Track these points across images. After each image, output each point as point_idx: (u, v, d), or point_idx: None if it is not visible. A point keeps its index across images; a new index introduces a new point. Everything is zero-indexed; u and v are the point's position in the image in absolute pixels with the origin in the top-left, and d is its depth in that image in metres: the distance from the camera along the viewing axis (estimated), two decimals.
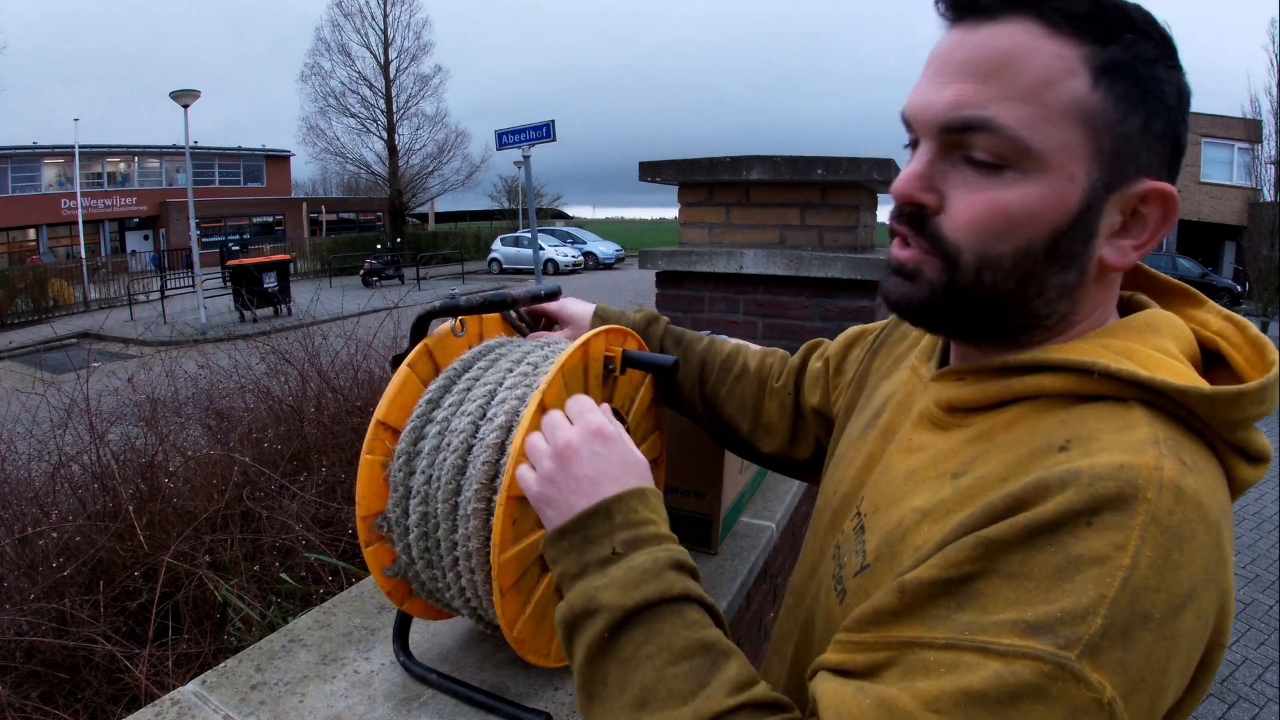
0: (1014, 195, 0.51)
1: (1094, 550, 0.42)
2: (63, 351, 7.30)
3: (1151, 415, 0.47)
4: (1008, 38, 0.51)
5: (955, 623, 0.44)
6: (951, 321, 0.57)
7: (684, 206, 2.51)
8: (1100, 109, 0.50)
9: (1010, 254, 0.52)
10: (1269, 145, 17.64)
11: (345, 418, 3.30)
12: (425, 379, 0.85)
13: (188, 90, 13.92)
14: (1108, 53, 0.50)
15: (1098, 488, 0.43)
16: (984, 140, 0.51)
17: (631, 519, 0.58)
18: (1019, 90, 0.50)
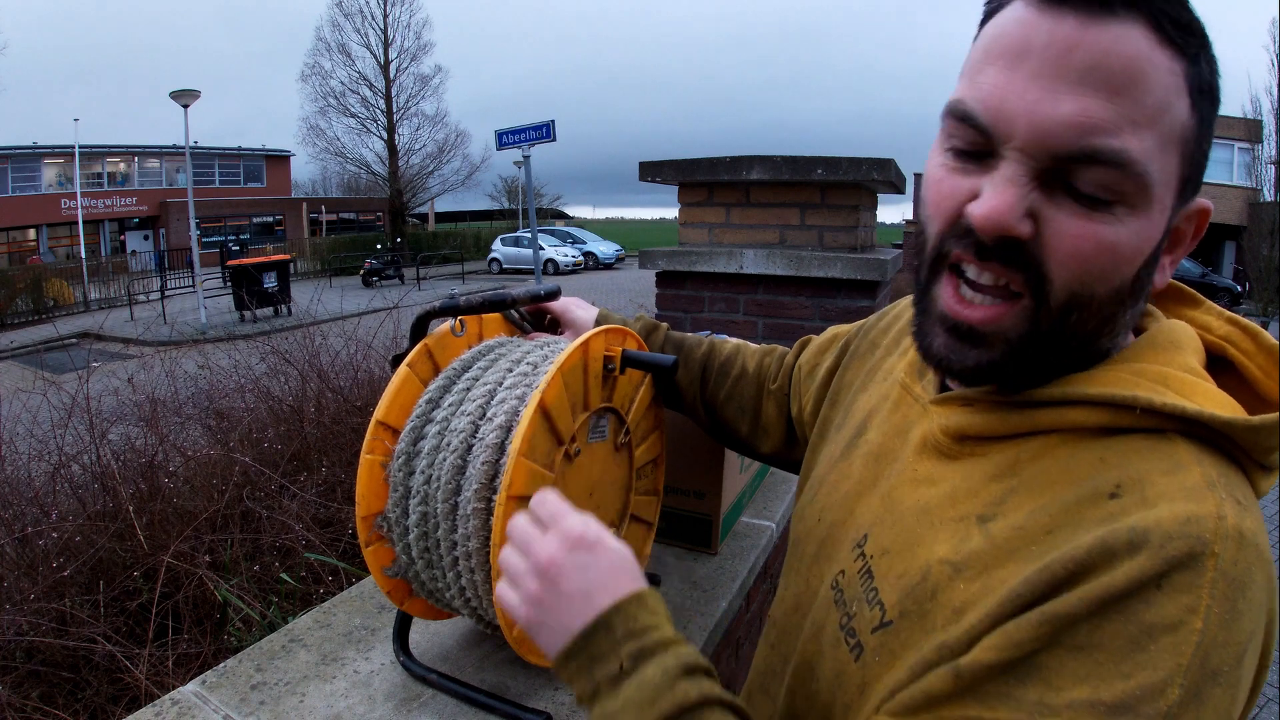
0: (1125, 233, 0.45)
1: (1167, 617, 0.39)
2: (63, 351, 7.30)
3: (1197, 451, 0.45)
4: (1129, 44, 0.43)
5: (1021, 701, 0.41)
6: (1006, 376, 0.50)
7: (684, 206, 2.51)
8: (1194, 135, 0.46)
9: (1104, 295, 0.47)
10: (1269, 145, 17.65)
11: (345, 418, 3.30)
12: (425, 379, 0.85)
13: (187, 90, 13.91)
14: (1199, 70, 0.45)
15: (1169, 550, 0.40)
16: (1103, 174, 0.44)
17: (633, 628, 0.52)
18: (1145, 113, 0.43)
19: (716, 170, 2.35)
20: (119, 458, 2.81)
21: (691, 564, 1.21)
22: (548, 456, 0.77)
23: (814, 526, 0.65)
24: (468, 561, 0.77)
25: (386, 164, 29.29)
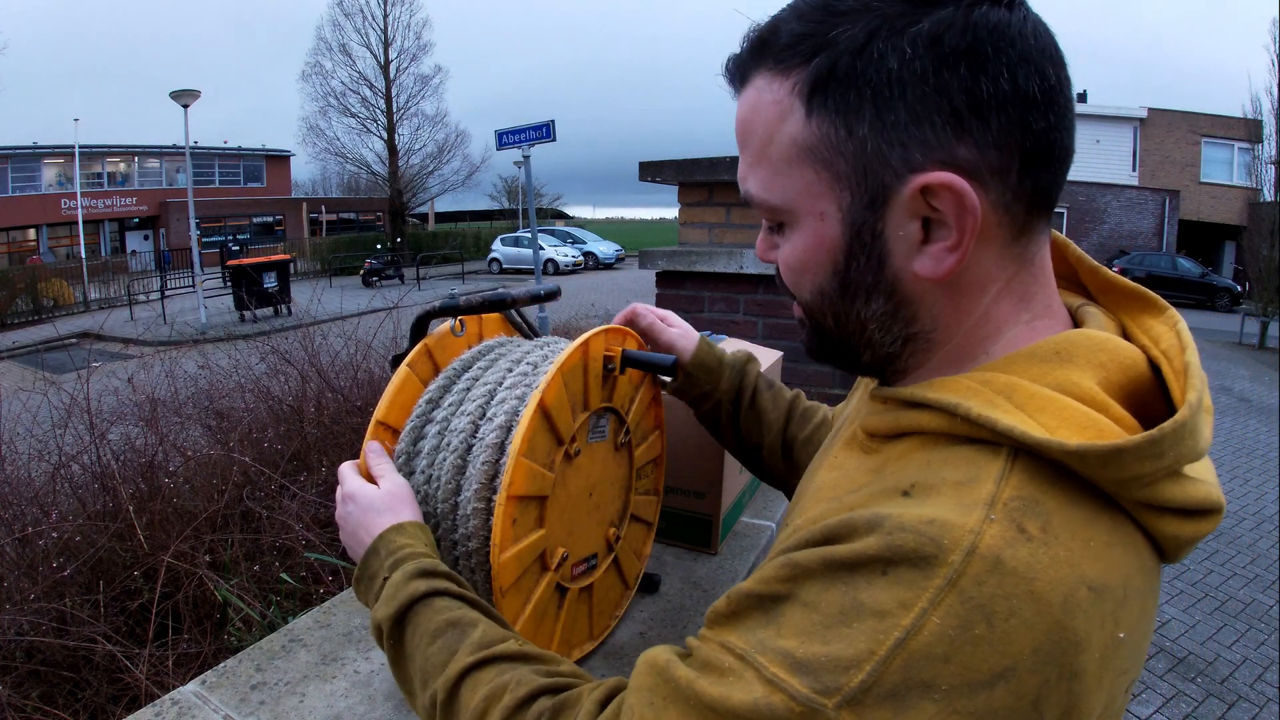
0: (788, 248, 0.54)
1: (878, 603, 0.40)
2: (63, 351, 7.30)
3: (1014, 470, 0.43)
4: (745, 103, 0.52)
5: (753, 636, 0.44)
6: (831, 357, 0.59)
7: (684, 206, 2.51)
8: (819, 136, 0.48)
9: (811, 299, 0.55)
10: (1269, 145, 17.60)
11: (345, 418, 3.30)
12: (425, 379, 0.85)
13: (187, 90, 13.93)
14: (813, 68, 0.47)
15: (896, 539, 0.40)
16: (756, 208, 0.54)
17: (392, 549, 0.69)
18: (754, 155, 0.52)
19: (717, 170, 2.35)
20: (119, 458, 2.81)
21: (691, 564, 1.21)
22: (547, 456, 0.77)
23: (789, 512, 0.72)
24: (468, 561, 0.77)
25: (386, 164, 29.28)
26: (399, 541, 0.69)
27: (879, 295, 0.51)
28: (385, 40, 28.32)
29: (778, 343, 2.32)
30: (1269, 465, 6.00)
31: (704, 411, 0.98)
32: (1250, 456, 6.27)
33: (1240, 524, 4.78)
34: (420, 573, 0.65)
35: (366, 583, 0.69)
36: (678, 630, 1.02)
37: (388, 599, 0.64)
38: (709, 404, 0.97)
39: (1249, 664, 3.25)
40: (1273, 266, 13.74)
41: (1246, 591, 3.90)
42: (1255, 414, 7.87)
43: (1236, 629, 3.51)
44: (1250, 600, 3.81)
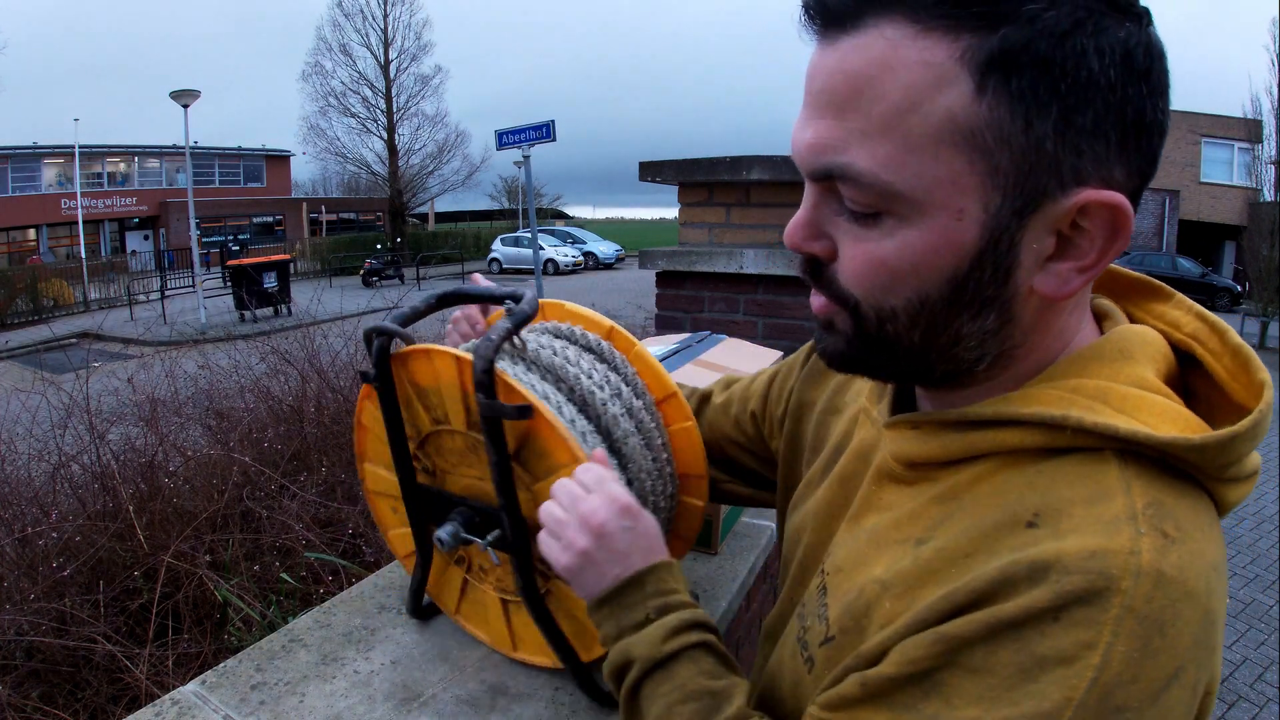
0: (891, 246, 0.45)
1: (1060, 650, 0.38)
2: (62, 351, 7.31)
3: (1129, 474, 0.43)
4: (862, 53, 0.42)
5: (920, 712, 0.42)
6: (880, 369, 0.52)
7: (684, 206, 2.51)
8: (989, 121, 0.41)
9: (903, 307, 0.46)
10: (1269, 145, 17.62)
11: (345, 418, 3.30)
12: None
13: (187, 90, 13.93)
14: (994, 41, 0.40)
15: (1065, 585, 0.39)
16: (849, 189, 0.44)
17: (660, 588, 0.64)
18: (876, 122, 0.42)
19: (716, 170, 2.35)
20: (119, 458, 2.81)
21: (691, 564, 1.21)
22: None
23: (793, 548, 0.68)
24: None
25: (386, 164, 29.29)
26: (669, 583, 0.65)
27: (992, 311, 0.46)
28: (385, 40, 28.34)
29: (778, 343, 2.32)
30: (1269, 465, 6.00)
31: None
32: None
33: (1240, 524, 4.78)
34: (694, 625, 0.62)
35: (616, 611, 0.64)
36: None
37: (654, 640, 0.61)
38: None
39: (1249, 664, 3.25)
40: (1273, 266, 13.75)
41: (1246, 591, 3.90)
42: None
43: (1236, 629, 3.52)
44: (1250, 600, 3.81)
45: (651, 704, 0.59)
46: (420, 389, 0.79)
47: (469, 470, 0.81)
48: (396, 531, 0.95)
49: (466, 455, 0.80)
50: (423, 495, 0.84)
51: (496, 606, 0.89)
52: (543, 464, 0.75)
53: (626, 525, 0.65)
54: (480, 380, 0.70)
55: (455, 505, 0.82)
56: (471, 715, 0.83)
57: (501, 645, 0.91)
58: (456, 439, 0.80)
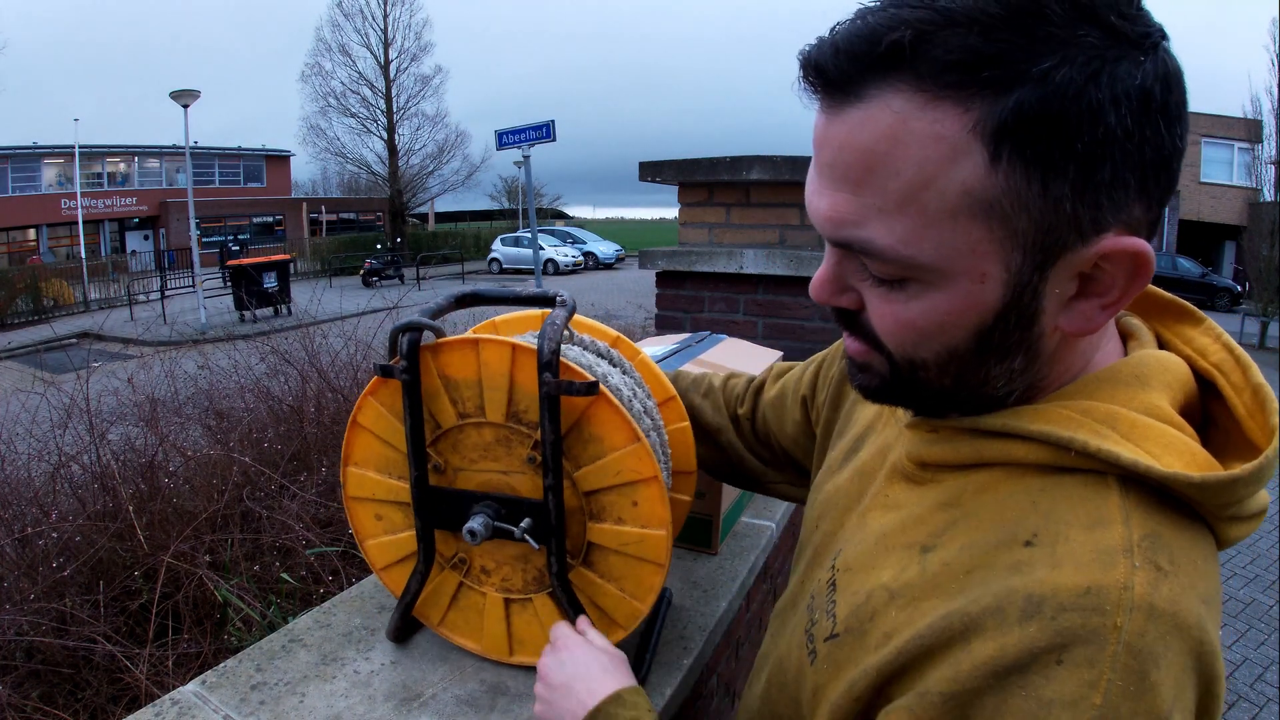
0: (918, 309, 0.46)
1: (1066, 694, 0.39)
2: (63, 351, 7.30)
3: (1130, 503, 0.43)
4: (871, 128, 0.41)
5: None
6: (913, 404, 0.54)
7: (684, 206, 2.51)
8: (1005, 189, 0.40)
9: (933, 359, 0.48)
10: (1269, 145, 17.63)
11: (345, 418, 3.30)
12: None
13: (187, 90, 13.92)
14: (1007, 106, 0.38)
15: (1061, 623, 0.40)
16: (871, 262, 0.46)
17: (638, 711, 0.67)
18: (893, 199, 0.42)
19: (716, 170, 2.35)
20: (119, 458, 2.81)
21: (691, 564, 1.21)
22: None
23: (811, 532, 0.69)
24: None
25: (386, 164, 29.29)
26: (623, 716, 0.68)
27: (1019, 353, 0.47)
28: (385, 41, 28.33)
29: (778, 342, 2.32)
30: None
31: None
32: None
33: None
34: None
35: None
36: (677, 630, 1.02)
37: None
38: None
39: (1249, 664, 3.25)
40: (1272, 266, 13.74)
41: (1246, 591, 3.90)
42: None
43: (1236, 629, 3.51)
44: (1250, 600, 3.81)
45: None
46: (451, 381, 0.80)
47: (491, 465, 0.82)
48: (376, 541, 0.93)
49: (492, 449, 0.81)
50: (435, 496, 0.84)
51: (496, 609, 0.89)
52: (591, 449, 0.79)
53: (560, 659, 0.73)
54: (548, 360, 0.73)
55: (469, 504, 0.82)
56: (471, 715, 0.83)
57: (495, 652, 0.91)
58: (485, 432, 0.81)
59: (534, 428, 0.79)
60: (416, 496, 0.83)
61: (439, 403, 0.81)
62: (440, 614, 0.93)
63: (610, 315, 8.13)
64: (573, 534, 0.83)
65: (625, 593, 0.84)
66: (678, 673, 0.93)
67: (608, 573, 0.85)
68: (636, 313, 8.37)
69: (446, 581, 0.90)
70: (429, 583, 0.90)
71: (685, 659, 0.96)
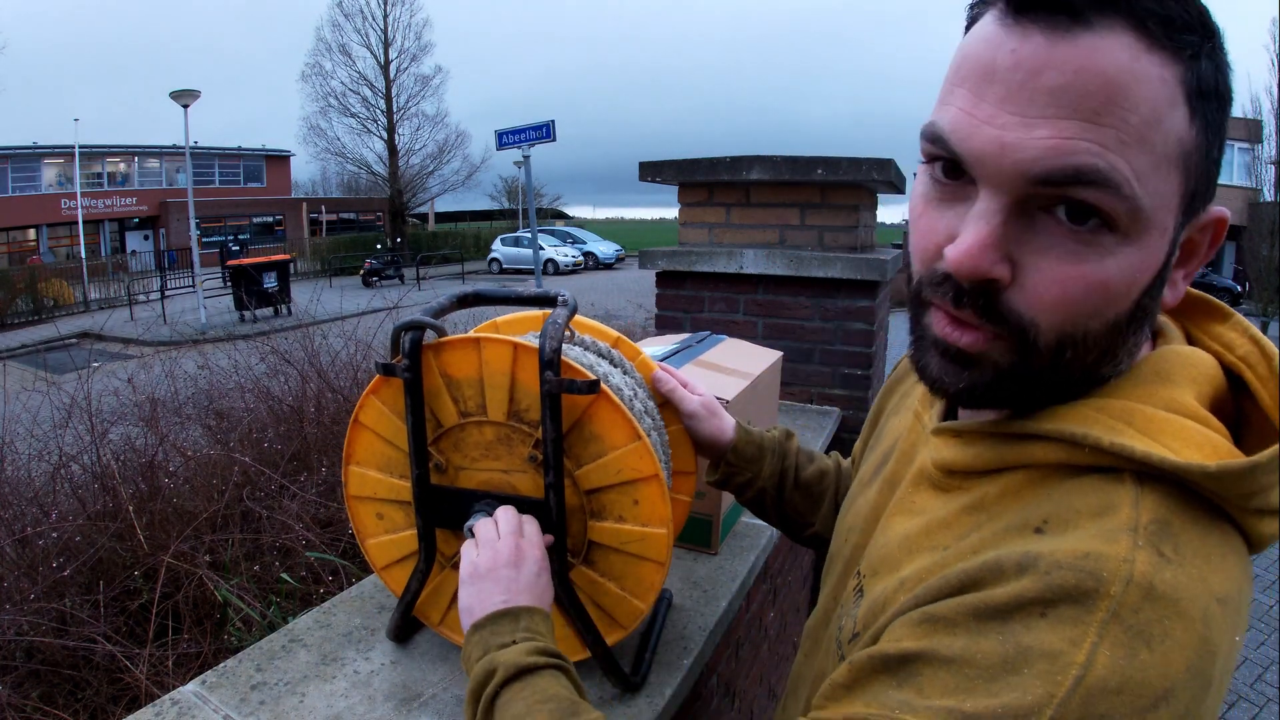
0: (1114, 267, 0.42)
1: (1046, 644, 0.38)
2: (63, 351, 7.30)
3: (1141, 493, 0.42)
4: (1109, 56, 0.39)
5: (889, 700, 0.42)
6: (1012, 400, 0.49)
7: (684, 206, 2.51)
8: (1195, 145, 0.42)
9: (1098, 330, 0.44)
10: (1269, 145, 17.65)
11: (345, 418, 3.30)
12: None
13: (187, 90, 13.92)
14: (1200, 71, 0.41)
15: (1055, 577, 0.39)
16: (1099, 195, 0.41)
17: (531, 627, 0.68)
18: (1134, 131, 0.40)
19: (716, 170, 2.35)
20: (119, 458, 2.81)
21: (691, 564, 1.21)
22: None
23: (841, 545, 0.68)
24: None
25: (386, 164, 29.29)
26: (542, 628, 0.69)
27: (1147, 323, 0.46)
28: (385, 41, 28.34)
29: (778, 343, 2.32)
30: None
31: (747, 498, 0.94)
32: None
33: None
34: (557, 655, 0.66)
35: (489, 635, 0.67)
36: (677, 630, 1.02)
37: (519, 653, 0.64)
38: (752, 491, 0.93)
39: (1249, 664, 3.25)
40: (1273, 266, 13.75)
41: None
42: None
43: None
44: (1250, 600, 3.81)
45: (510, 707, 0.60)
46: (452, 380, 0.80)
47: (492, 464, 0.82)
48: (377, 540, 0.92)
49: (494, 448, 0.81)
50: (436, 494, 0.84)
51: None
52: (592, 447, 0.79)
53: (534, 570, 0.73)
54: (549, 359, 0.74)
55: (470, 502, 0.82)
56: None
57: None
58: (486, 431, 0.81)
59: (535, 426, 0.79)
60: (418, 495, 0.83)
61: (441, 401, 0.81)
62: (441, 613, 0.93)
63: (610, 315, 8.13)
64: (574, 532, 0.83)
65: (626, 591, 0.84)
66: (678, 673, 0.93)
67: (608, 571, 0.85)
68: (636, 313, 8.37)
69: (447, 581, 0.90)
70: (430, 582, 0.89)
71: (685, 659, 0.96)
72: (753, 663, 1.53)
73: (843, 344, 2.26)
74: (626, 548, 0.82)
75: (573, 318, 0.84)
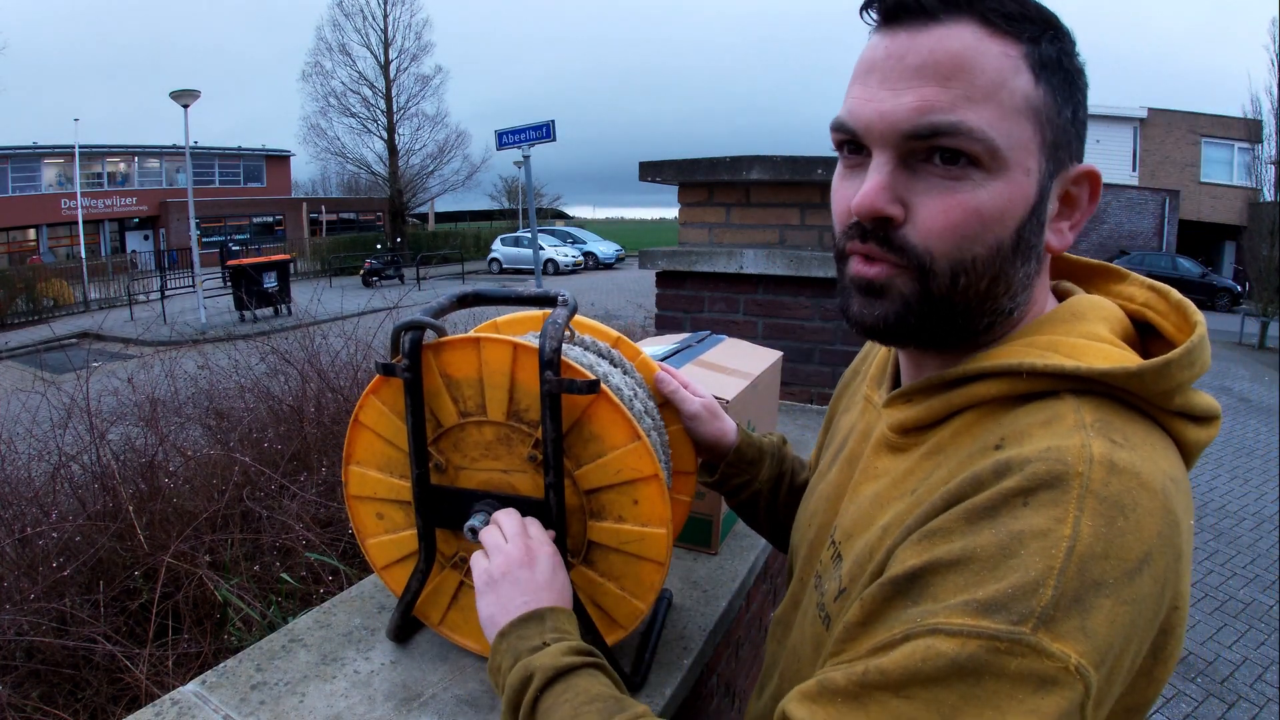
0: (985, 195, 0.52)
1: (1034, 525, 0.43)
2: (63, 351, 7.30)
3: (1080, 402, 0.49)
4: (958, 39, 0.51)
5: (909, 616, 0.45)
6: (924, 332, 0.57)
7: (684, 206, 2.51)
8: (1044, 103, 0.52)
9: (984, 255, 0.53)
10: (1269, 145, 17.59)
11: (345, 418, 3.30)
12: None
13: (187, 90, 13.92)
14: (1042, 49, 0.52)
15: (1028, 469, 0.45)
16: (957, 141, 0.51)
17: (558, 626, 0.68)
18: (980, 91, 0.51)
19: (716, 170, 2.36)
20: (119, 458, 2.81)
21: (691, 564, 1.21)
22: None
23: (805, 531, 0.73)
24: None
25: (386, 164, 29.28)
26: (568, 626, 0.69)
27: (1034, 257, 0.55)
28: (385, 40, 28.32)
29: (777, 343, 2.32)
30: (1269, 465, 5.99)
31: (740, 501, 0.95)
32: (1250, 456, 6.27)
33: (1240, 524, 4.78)
34: (590, 653, 0.66)
35: (518, 640, 0.67)
36: (677, 630, 1.02)
37: (555, 654, 0.64)
38: (747, 494, 0.94)
39: (1249, 664, 3.25)
40: (1273, 266, 13.74)
41: (1246, 591, 3.90)
42: (1255, 414, 7.87)
43: (1236, 629, 3.52)
44: (1250, 600, 3.81)
45: (555, 712, 0.60)
46: (452, 380, 0.80)
47: (492, 464, 0.82)
48: (377, 540, 0.93)
49: (494, 447, 0.81)
50: (436, 494, 0.84)
51: None
52: (592, 447, 0.79)
53: (548, 566, 0.73)
54: (549, 359, 0.74)
55: (470, 502, 0.82)
56: (471, 715, 0.83)
57: None
58: (485, 431, 0.81)
59: (535, 426, 0.79)
60: (418, 495, 0.83)
61: (440, 401, 0.81)
62: (440, 613, 0.93)
63: (610, 315, 8.13)
64: (573, 532, 0.83)
65: (625, 591, 0.84)
66: (678, 673, 0.93)
67: (608, 571, 0.85)
68: (636, 313, 8.37)
69: (447, 581, 0.90)
70: (430, 582, 0.89)
71: (685, 659, 0.96)
72: (753, 663, 1.53)
73: (843, 344, 2.26)
74: (626, 548, 0.82)
75: (573, 318, 0.84)
